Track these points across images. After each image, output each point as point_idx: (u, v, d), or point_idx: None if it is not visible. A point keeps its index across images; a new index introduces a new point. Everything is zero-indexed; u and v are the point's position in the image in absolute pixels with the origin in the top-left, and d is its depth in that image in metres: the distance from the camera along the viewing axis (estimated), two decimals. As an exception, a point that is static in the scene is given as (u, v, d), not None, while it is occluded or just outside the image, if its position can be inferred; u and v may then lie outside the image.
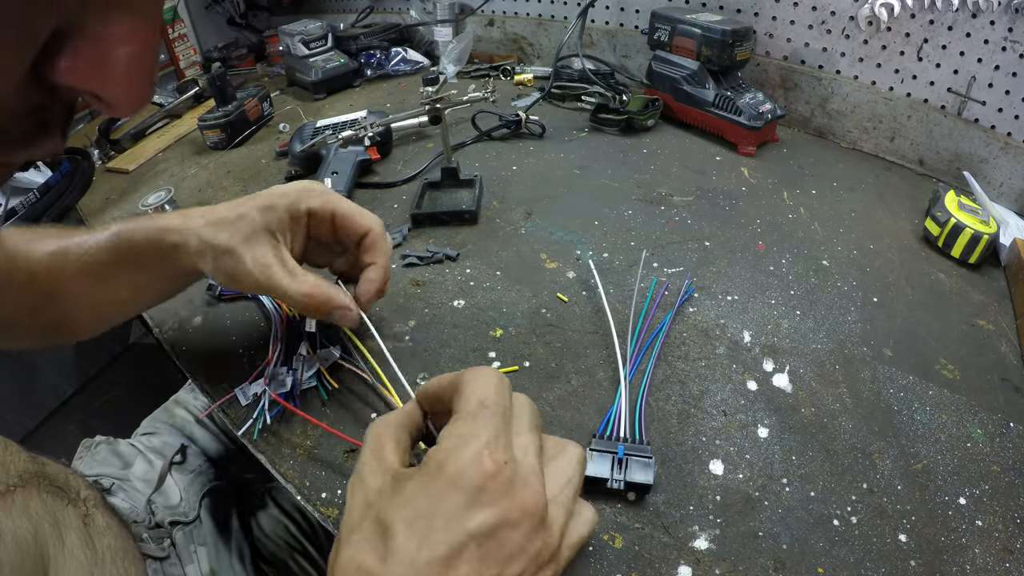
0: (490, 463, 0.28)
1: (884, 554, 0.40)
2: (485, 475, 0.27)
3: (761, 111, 0.86)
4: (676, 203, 0.77)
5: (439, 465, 0.28)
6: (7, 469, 0.34)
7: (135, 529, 0.50)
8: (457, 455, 0.28)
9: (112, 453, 0.63)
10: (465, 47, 0.73)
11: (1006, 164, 0.76)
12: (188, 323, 0.62)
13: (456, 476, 0.27)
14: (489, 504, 0.27)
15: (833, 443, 0.47)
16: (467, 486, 0.27)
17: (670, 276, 0.64)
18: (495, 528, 0.27)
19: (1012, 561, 0.39)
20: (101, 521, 0.40)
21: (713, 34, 0.86)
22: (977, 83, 0.77)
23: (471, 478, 0.27)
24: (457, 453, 0.28)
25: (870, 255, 0.67)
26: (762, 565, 0.39)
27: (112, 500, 0.55)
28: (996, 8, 0.71)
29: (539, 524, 0.28)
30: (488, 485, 0.27)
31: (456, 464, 0.28)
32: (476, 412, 0.30)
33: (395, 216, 0.78)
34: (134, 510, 0.55)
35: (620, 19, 1.12)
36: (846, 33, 0.87)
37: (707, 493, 0.44)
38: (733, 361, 0.54)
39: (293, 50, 1.23)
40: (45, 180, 0.93)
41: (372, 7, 1.42)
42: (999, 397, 0.51)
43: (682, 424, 0.49)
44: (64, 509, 0.37)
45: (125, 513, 0.53)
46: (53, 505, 0.36)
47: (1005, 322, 0.59)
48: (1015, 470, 0.45)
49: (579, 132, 0.97)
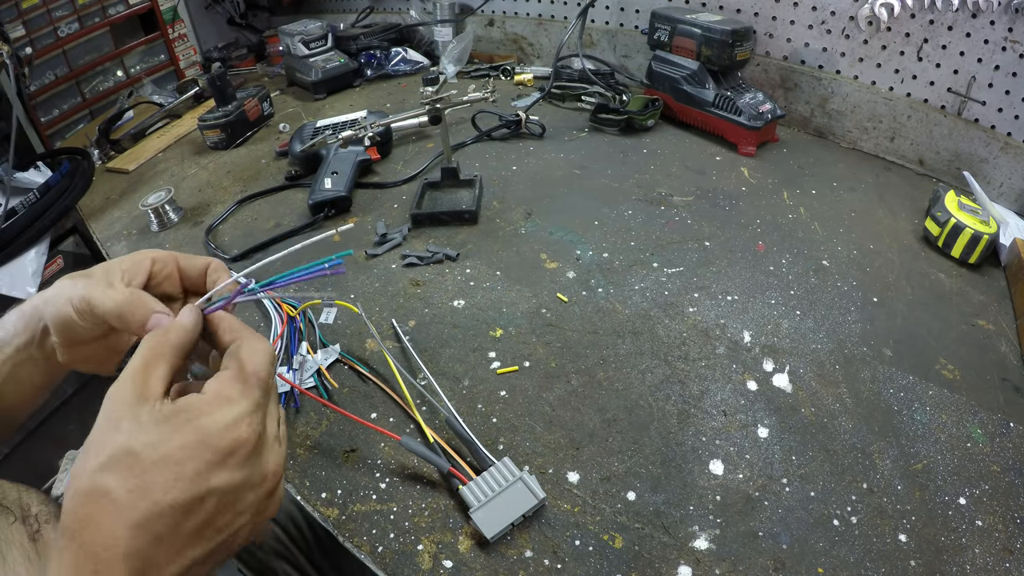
0: (246, 431, 0.30)
1: (884, 554, 0.40)
2: (238, 441, 0.30)
3: (761, 111, 0.86)
4: (676, 203, 0.77)
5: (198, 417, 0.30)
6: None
7: None
8: (219, 414, 0.30)
9: None
10: (465, 47, 0.73)
11: (1006, 164, 0.76)
12: (188, 323, 0.62)
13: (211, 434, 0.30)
14: (235, 468, 0.30)
15: (833, 443, 0.47)
16: (219, 447, 0.29)
17: (670, 276, 0.64)
18: (237, 488, 0.30)
19: (1012, 561, 0.39)
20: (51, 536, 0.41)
21: (713, 34, 0.86)
22: (977, 83, 0.77)
23: (225, 441, 0.30)
24: (219, 412, 0.30)
25: (870, 255, 0.67)
26: (762, 565, 0.39)
27: None
28: (996, 8, 0.71)
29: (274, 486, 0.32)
30: (238, 451, 0.30)
31: (215, 423, 0.30)
32: (247, 379, 0.32)
33: (395, 216, 0.78)
34: None
35: (620, 19, 1.12)
36: (846, 33, 0.87)
37: (707, 493, 0.44)
38: (733, 361, 0.54)
39: (293, 50, 1.23)
40: (45, 180, 0.93)
41: (372, 7, 1.42)
42: (999, 397, 0.51)
43: (682, 424, 0.49)
44: (9, 527, 0.38)
45: None
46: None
47: (1005, 322, 0.59)
48: (1015, 470, 0.45)
49: (579, 132, 0.97)
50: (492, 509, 0.42)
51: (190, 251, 0.73)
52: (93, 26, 1.18)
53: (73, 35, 1.15)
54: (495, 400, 0.51)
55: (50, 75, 1.14)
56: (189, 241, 0.80)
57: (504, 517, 0.41)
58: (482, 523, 0.41)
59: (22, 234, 0.85)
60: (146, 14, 1.28)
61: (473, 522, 0.41)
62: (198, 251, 0.76)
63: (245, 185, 0.91)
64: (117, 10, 1.22)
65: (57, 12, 1.11)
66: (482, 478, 0.43)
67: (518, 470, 0.44)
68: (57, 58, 1.14)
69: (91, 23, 1.18)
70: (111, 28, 1.22)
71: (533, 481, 0.43)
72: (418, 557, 0.41)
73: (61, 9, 1.12)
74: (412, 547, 0.41)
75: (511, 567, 0.40)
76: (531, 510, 0.42)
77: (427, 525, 0.43)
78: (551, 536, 0.42)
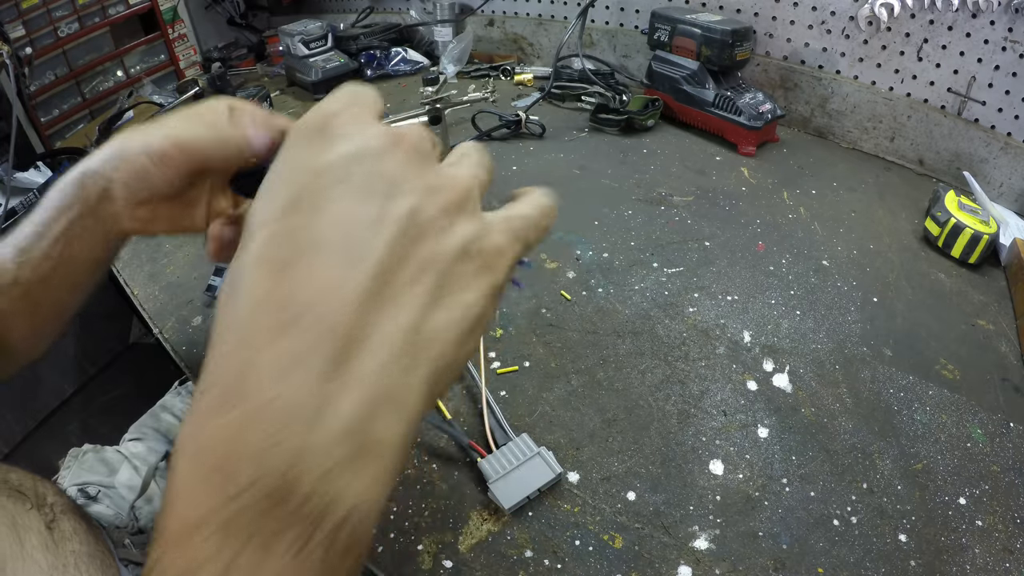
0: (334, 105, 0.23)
1: (884, 554, 0.40)
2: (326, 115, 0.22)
3: (761, 111, 0.86)
4: (676, 203, 0.77)
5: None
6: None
7: (117, 535, 0.50)
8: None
9: (99, 461, 0.64)
10: (465, 47, 0.73)
11: (1006, 164, 0.76)
12: (188, 323, 0.62)
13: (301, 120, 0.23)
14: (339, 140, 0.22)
15: (833, 443, 0.47)
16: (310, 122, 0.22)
17: (670, 276, 0.64)
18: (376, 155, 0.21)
19: (1012, 561, 0.39)
20: (67, 526, 0.40)
21: (713, 34, 0.86)
22: (977, 83, 0.77)
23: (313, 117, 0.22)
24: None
25: (870, 255, 0.67)
26: (762, 565, 0.39)
27: (96, 507, 0.56)
28: (996, 8, 0.71)
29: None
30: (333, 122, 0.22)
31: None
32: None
33: (395, 216, 0.78)
34: (118, 516, 0.56)
35: (620, 19, 1.12)
36: (846, 33, 0.87)
37: (707, 493, 0.44)
38: (733, 361, 0.54)
39: (293, 50, 1.23)
40: (45, 180, 0.93)
41: (372, 7, 1.42)
42: (999, 397, 0.51)
43: (682, 424, 0.49)
44: (26, 513, 0.37)
45: (109, 520, 0.54)
46: (13, 509, 0.36)
47: (1005, 322, 0.59)
48: (1015, 470, 0.45)
49: (579, 132, 0.97)
50: (509, 482, 0.43)
51: (190, 250, 0.73)
52: (93, 26, 1.18)
53: (73, 35, 1.15)
54: (495, 400, 0.51)
55: (50, 75, 1.14)
56: (189, 240, 0.80)
57: (521, 490, 0.43)
58: (500, 494, 0.42)
59: (22, 234, 0.85)
60: (146, 14, 1.28)
61: (491, 493, 0.42)
62: (198, 251, 0.76)
63: (245, 185, 0.91)
64: (117, 10, 1.22)
65: (57, 12, 1.11)
66: (500, 452, 0.45)
67: (535, 446, 0.45)
68: (57, 58, 1.14)
69: (91, 23, 1.18)
70: (111, 28, 1.22)
71: (551, 456, 0.44)
72: (418, 557, 0.41)
73: (61, 9, 1.12)
74: (412, 547, 0.41)
75: (511, 567, 0.40)
76: (548, 484, 0.43)
77: (427, 525, 0.43)
78: (551, 536, 0.42)
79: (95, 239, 0.39)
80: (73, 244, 0.38)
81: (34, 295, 0.39)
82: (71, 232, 0.38)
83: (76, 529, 0.41)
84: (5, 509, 0.35)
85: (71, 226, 0.38)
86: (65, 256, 0.38)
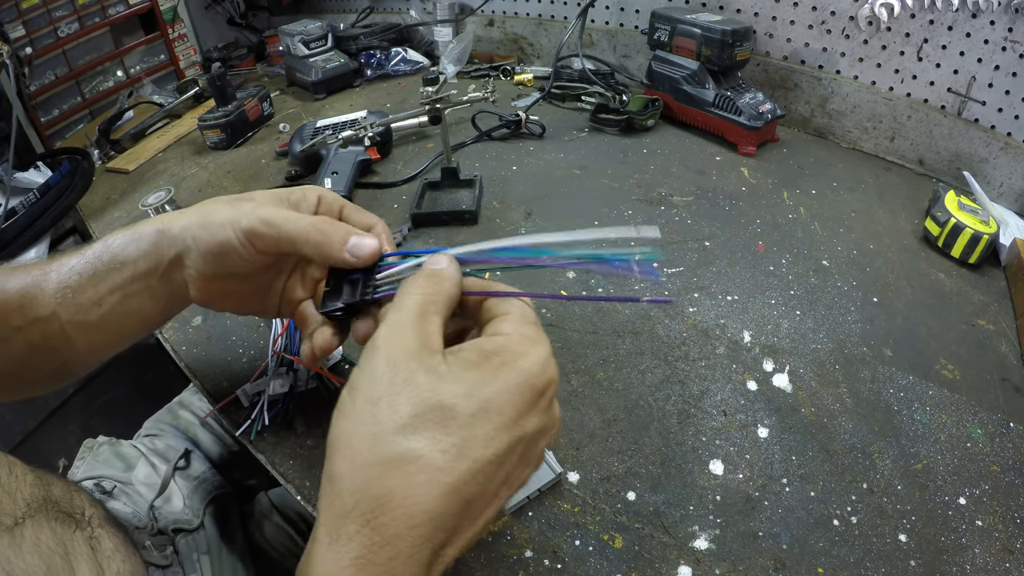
0: (555, 370, 0.28)
1: (884, 554, 0.40)
2: (552, 380, 0.28)
3: (761, 111, 0.86)
4: (676, 203, 0.77)
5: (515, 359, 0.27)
6: (14, 498, 0.31)
7: (138, 536, 0.49)
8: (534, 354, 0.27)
9: (114, 455, 0.62)
10: (465, 47, 0.73)
11: (1006, 164, 0.76)
12: (189, 323, 0.62)
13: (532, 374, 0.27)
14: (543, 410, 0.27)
15: (833, 443, 0.47)
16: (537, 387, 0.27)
17: (670, 276, 0.64)
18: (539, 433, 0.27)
19: (1012, 561, 0.39)
20: (108, 544, 0.39)
21: (713, 34, 0.86)
22: (977, 83, 0.77)
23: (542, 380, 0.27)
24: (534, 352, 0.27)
25: (870, 255, 0.67)
26: (762, 565, 0.39)
27: (113, 504, 0.55)
28: (996, 8, 0.71)
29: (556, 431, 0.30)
30: (548, 391, 0.28)
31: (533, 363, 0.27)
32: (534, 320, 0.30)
33: (395, 216, 0.78)
34: (136, 515, 0.54)
35: (620, 19, 1.12)
36: (846, 33, 0.87)
37: (707, 493, 0.44)
38: (733, 361, 0.54)
39: (293, 50, 1.23)
40: (45, 180, 0.93)
41: (372, 7, 1.42)
42: (999, 397, 0.51)
43: (682, 424, 0.49)
44: (73, 536, 0.35)
45: (127, 518, 0.53)
46: (63, 534, 0.34)
47: (1005, 322, 0.59)
48: (1015, 470, 0.45)
49: (579, 132, 0.97)
50: None
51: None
52: (93, 26, 1.18)
53: (73, 35, 1.15)
54: (495, 400, 0.51)
55: (50, 75, 1.14)
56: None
57: (521, 490, 0.42)
58: None
59: (22, 234, 0.85)
60: (146, 14, 1.28)
61: None
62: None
63: (245, 185, 0.91)
64: (117, 10, 1.22)
65: (57, 12, 1.11)
66: None
67: None
68: (57, 58, 1.14)
69: (91, 23, 1.18)
70: (111, 28, 1.22)
71: (551, 456, 0.44)
72: (418, 557, 0.41)
73: (61, 9, 1.12)
74: (412, 547, 0.41)
75: (511, 567, 0.40)
76: (548, 484, 0.43)
77: (427, 525, 0.43)
78: (551, 536, 0.42)
79: (155, 301, 0.37)
80: (131, 300, 0.37)
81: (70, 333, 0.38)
82: (131, 287, 0.36)
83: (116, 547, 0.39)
84: (56, 535, 0.33)
85: (133, 281, 0.36)
86: (118, 309, 0.37)
